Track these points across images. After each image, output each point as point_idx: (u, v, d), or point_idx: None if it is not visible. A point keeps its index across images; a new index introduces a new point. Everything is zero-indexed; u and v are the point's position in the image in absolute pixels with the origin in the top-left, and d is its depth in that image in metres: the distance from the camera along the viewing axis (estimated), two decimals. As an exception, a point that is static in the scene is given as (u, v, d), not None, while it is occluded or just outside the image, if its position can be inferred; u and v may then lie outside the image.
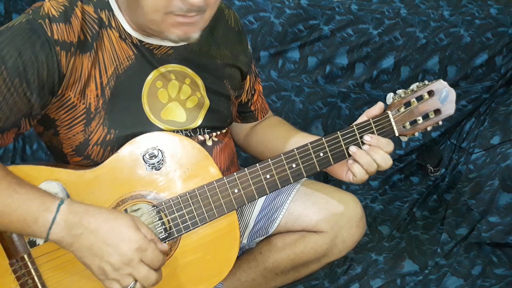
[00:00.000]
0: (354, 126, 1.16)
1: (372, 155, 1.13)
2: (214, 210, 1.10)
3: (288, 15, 2.08)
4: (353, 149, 1.14)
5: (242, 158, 1.92)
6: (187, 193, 1.09)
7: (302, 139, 1.27)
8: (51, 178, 1.05)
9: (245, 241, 1.41)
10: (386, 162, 1.13)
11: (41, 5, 1.03)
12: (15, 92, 0.98)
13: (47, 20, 1.00)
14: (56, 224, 0.95)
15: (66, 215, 0.95)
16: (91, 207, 0.99)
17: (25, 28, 0.99)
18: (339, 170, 1.21)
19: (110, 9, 1.08)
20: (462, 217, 1.93)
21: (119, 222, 0.97)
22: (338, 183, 2.03)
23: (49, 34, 1.00)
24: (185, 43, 1.14)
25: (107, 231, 0.96)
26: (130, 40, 1.09)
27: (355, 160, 1.14)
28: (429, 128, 1.19)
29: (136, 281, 0.97)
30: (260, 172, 1.11)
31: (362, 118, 1.18)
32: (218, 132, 1.24)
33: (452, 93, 1.17)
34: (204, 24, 1.04)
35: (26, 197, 0.96)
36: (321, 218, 1.31)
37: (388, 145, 1.14)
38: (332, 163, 1.15)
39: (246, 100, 1.37)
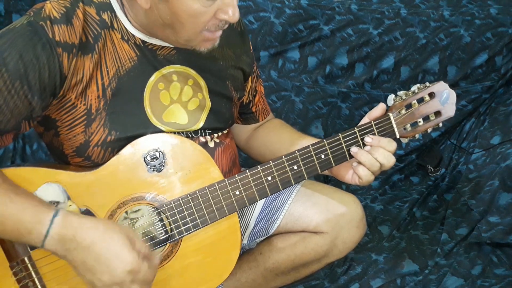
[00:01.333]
0: (355, 128, 1.16)
1: (373, 154, 1.13)
2: (215, 212, 1.10)
3: (288, 15, 2.08)
4: (354, 149, 1.15)
5: (242, 158, 1.92)
6: (188, 195, 1.09)
7: (304, 141, 1.26)
8: (51, 180, 1.05)
9: (245, 241, 1.41)
10: (388, 160, 1.13)
11: (42, 7, 1.02)
12: (16, 94, 0.98)
13: (48, 21, 1.00)
14: (50, 238, 0.94)
15: (59, 229, 0.94)
16: (87, 221, 0.97)
17: (26, 30, 0.99)
18: (343, 172, 1.22)
19: (113, 11, 1.08)
20: (462, 217, 1.93)
21: (115, 240, 0.96)
22: (338, 183, 2.03)
23: (50, 35, 0.99)
24: None
25: (101, 249, 0.95)
26: (133, 41, 1.09)
27: (358, 162, 1.14)
28: (429, 130, 1.19)
29: None
30: (261, 174, 1.11)
31: (364, 120, 1.19)
32: (220, 133, 1.24)
33: (452, 95, 1.17)
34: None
35: (21, 207, 0.95)
36: (322, 218, 1.31)
37: (390, 144, 1.14)
38: (333, 165, 1.15)
39: (247, 101, 1.37)
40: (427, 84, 1.18)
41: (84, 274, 0.96)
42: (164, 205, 1.09)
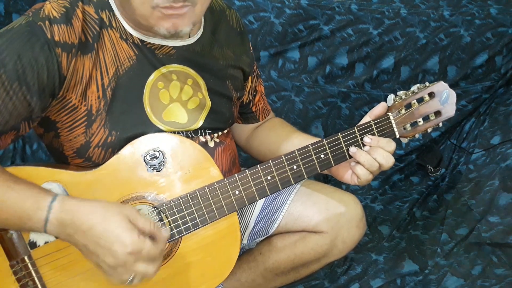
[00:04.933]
0: (355, 127, 1.16)
1: (372, 154, 1.13)
2: (215, 211, 1.10)
3: (288, 15, 2.08)
4: (353, 149, 1.14)
5: (242, 158, 1.92)
6: (187, 194, 1.09)
7: (304, 140, 1.27)
8: (52, 179, 1.05)
9: (245, 241, 1.41)
10: (387, 160, 1.13)
11: (41, 7, 1.02)
12: (15, 95, 0.98)
13: (47, 22, 1.00)
14: (50, 223, 0.94)
15: (58, 213, 0.94)
16: (84, 205, 0.97)
17: (25, 30, 0.98)
18: (342, 172, 1.21)
19: (111, 9, 1.07)
20: (462, 217, 1.92)
21: (113, 223, 0.94)
22: (338, 183, 2.01)
23: (49, 36, 0.99)
24: (186, 44, 1.14)
25: (100, 233, 0.94)
26: (131, 41, 1.09)
27: (356, 162, 1.14)
28: (429, 130, 1.20)
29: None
30: (261, 173, 1.11)
31: (365, 119, 1.19)
32: (220, 133, 1.24)
33: (452, 95, 1.18)
34: (196, 18, 1.03)
35: (20, 193, 0.95)
36: (321, 218, 1.32)
37: (389, 144, 1.14)
38: (333, 165, 1.15)
39: (247, 101, 1.37)
40: (427, 84, 1.18)
41: (90, 257, 0.96)
42: (164, 204, 1.09)
